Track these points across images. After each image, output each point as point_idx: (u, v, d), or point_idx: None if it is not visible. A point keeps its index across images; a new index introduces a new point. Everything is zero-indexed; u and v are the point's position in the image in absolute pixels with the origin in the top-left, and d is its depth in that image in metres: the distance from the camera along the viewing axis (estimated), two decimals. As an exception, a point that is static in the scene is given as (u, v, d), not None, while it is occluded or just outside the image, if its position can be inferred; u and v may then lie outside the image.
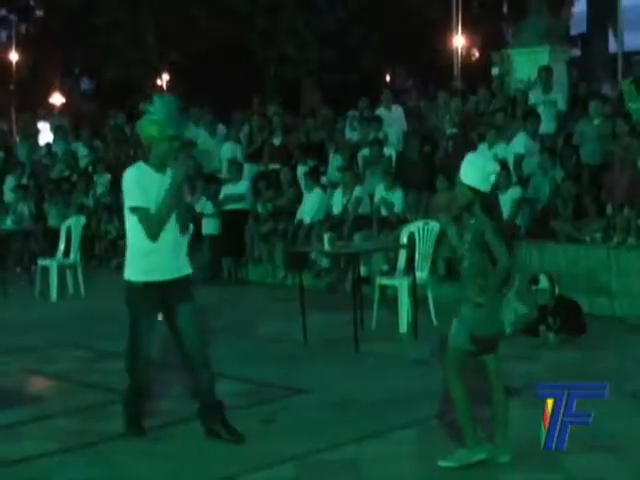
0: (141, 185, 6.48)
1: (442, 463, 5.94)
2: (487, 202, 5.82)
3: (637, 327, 10.12)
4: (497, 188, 6.03)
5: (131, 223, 6.56)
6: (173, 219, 6.60)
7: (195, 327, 6.72)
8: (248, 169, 15.92)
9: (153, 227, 6.48)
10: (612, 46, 26.50)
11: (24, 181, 18.37)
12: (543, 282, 9.57)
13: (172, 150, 6.65)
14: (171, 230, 6.59)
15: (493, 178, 5.81)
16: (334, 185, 14.43)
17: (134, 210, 6.49)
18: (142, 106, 6.65)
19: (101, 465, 6.34)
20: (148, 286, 6.54)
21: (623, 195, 11.13)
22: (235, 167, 15.15)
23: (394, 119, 15.65)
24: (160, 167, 6.59)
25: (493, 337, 5.87)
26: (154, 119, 6.55)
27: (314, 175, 14.41)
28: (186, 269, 6.74)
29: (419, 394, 7.72)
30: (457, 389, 5.91)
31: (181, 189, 6.73)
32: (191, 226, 12.19)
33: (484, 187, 5.78)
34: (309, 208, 14.05)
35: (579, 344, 9.36)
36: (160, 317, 6.90)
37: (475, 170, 5.80)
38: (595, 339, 9.56)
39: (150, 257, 6.52)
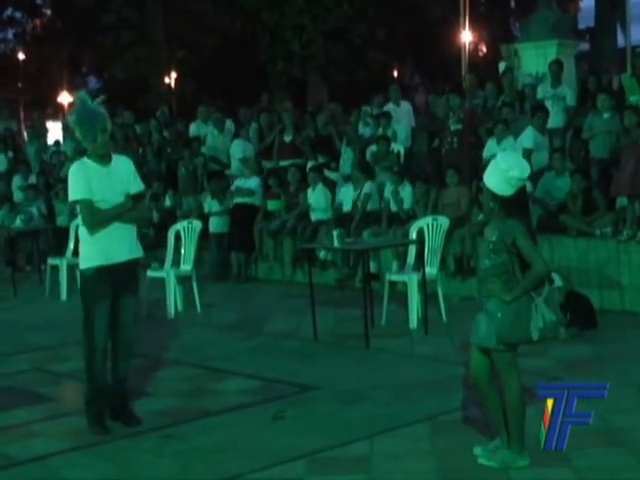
0: (84, 179, 6.81)
1: (482, 460, 5.86)
2: (508, 206, 5.63)
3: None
4: (523, 191, 5.78)
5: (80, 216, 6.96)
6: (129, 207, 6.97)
7: (134, 317, 7.07)
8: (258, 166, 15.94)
9: (95, 217, 6.82)
10: (621, 40, 26.44)
11: (32, 180, 18.39)
12: (558, 281, 9.50)
13: (102, 144, 6.90)
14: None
15: (516, 183, 5.60)
16: (347, 179, 14.44)
17: (76, 203, 6.95)
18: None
19: (112, 463, 6.35)
20: (100, 271, 6.80)
21: (626, 187, 11.09)
22: (250, 164, 15.17)
23: (402, 115, 15.63)
24: (101, 160, 6.92)
25: (519, 342, 5.78)
26: (75, 121, 6.96)
27: (318, 171, 14.41)
28: (137, 252, 7.05)
29: (430, 390, 7.71)
30: (514, 389, 5.75)
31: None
32: (199, 223, 12.32)
33: (504, 192, 5.61)
34: (316, 204, 14.03)
35: (590, 339, 9.33)
36: None
37: (496, 174, 5.63)
38: (606, 333, 9.54)
39: (101, 242, 6.82)
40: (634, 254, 10.78)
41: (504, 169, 5.62)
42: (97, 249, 6.82)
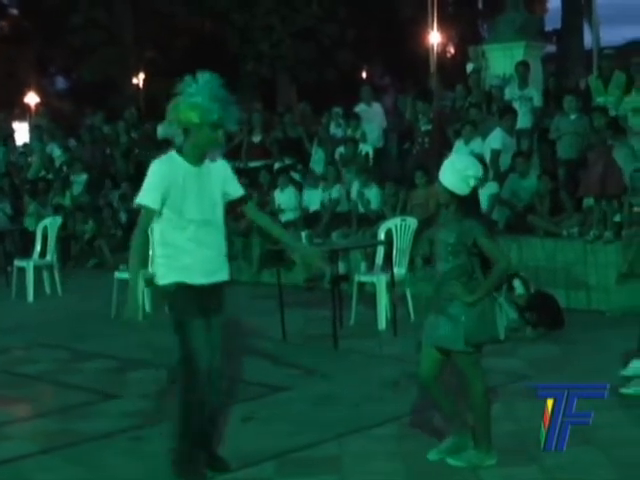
0: (161, 182, 5.62)
1: (450, 461, 5.88)
2: (465, 205, 5.70)
3: (615, 320, 10.18)
4: (477, 191, 5.86)
5: (161, 219, 5.71)
6: (220, 219, 5.82)
7: (220, 342, 6.02)
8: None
9: (140, 236, 5.75)
10: (588, 42, 26.66)
11: (-3, 181, 18.28)
12: (519, 288, 9.60)
13: (215, 140, 5.70)
14: (215, 230, 5.81)
15: (472, 182, 5.69)
16: (316, 179, 14.46)
17: (140, 206, 5.70)
18: (178, 86, 5.66)
19: (82, 466, 6.31)
20: (181, 286, 5.71)
21: (596, 187, 11.19)
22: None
23: (374, 115, 15.67)
24: (197, 159, 5.71)
25: (487, 342, 5.81)
26: (196, 102, 5.55)
27: (286, 172, 14.44)
28: (223, 275, 5.91)
29: (399, 390, 7.73)
30: (479, 389, 5.79)
31: None
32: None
33: (461, 191, 5.67)
34: (285, 205, 14.05)
35: (557, 338, 9.40)
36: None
37: (453, 173, 5.68)
38: (573, 333, 9.61)
39: (180, 259, 5.69)
40: (600, 254, 10.88)
41: (460, 168, 5.71)
42: (175, 266, 5.70)
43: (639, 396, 7.17)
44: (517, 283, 9.60)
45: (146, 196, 5.64)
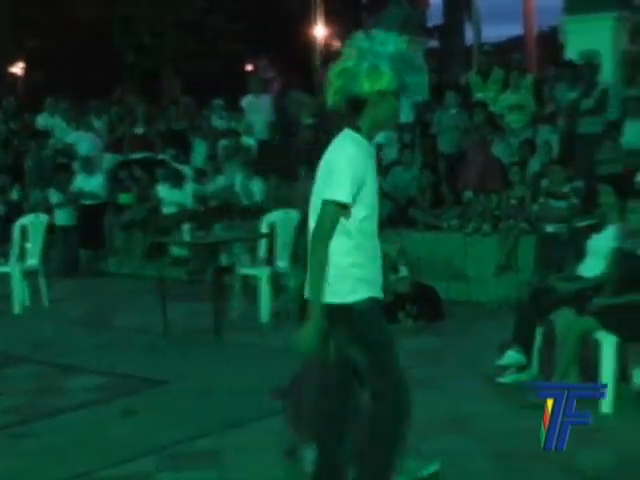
0: (358, 172, 4.43)
1: None
2: None
3: (492, 312, 10.39)
4: None
5: (354, 219, 4.47)
6: (376, 224, 4.62)
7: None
8: (109, 159, 15.72)
9: (327, 229, 4.43)
10: (469, 38, 27.14)
11: None
12: (403, 271, 9.75)
13: (398, 112, 4.64)
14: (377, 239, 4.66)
15: None
16: (198, 172, 14.37)
17: (334, 204, 4.40)
18: (341, 54, 4.49)
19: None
20: (373, 301, 4.57)
21: (474, 181, 11.42)
22: (88, 161, 14.95)
23: (262, 107, 15.62)
24: (370, 140, 4.65)
25: None
26: (379, 65, 4.40)
27: (165, 166, 14.37)
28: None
29: (280, 383, 7.73)
30: None
31: None
32: (46, 217, 12.11)
33: None
34: (167, 199, 13.94)
35: (437, 330, 9.56)
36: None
37: None
38: (453, 324, 9.79)
39: (369, 269, 4.55)
40: (479, 246, 11.11)
41: None
42: (366, 277, 4.52)
43: (514, 384, 7.34)
44: (401, 267, 9.76)
45: (343, 191, 4.38)
